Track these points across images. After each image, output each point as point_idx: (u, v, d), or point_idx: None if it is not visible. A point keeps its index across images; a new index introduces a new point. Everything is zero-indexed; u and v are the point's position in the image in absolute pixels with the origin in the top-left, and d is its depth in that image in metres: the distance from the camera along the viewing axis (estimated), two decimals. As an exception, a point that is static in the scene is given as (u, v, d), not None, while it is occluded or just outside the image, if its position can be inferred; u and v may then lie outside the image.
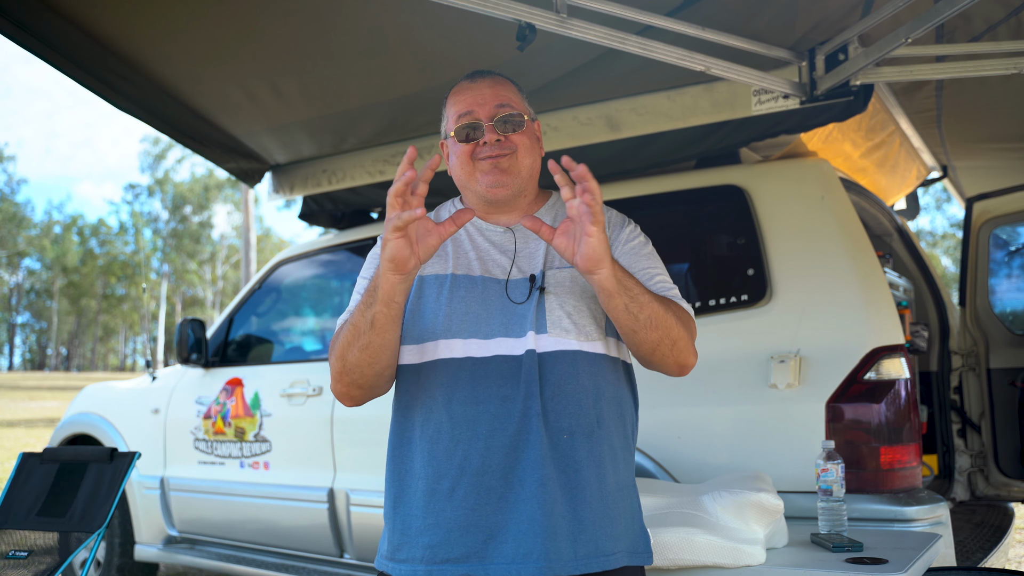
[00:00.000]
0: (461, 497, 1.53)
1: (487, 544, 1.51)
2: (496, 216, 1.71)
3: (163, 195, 53.68)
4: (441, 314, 1.60)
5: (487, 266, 1.65)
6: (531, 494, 1.50)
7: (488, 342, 1.58)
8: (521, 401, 1.53)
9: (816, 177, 2.87)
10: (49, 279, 64.30)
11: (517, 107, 1.67)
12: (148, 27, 2.87)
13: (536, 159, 1.70)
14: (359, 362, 1.55)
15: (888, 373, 2.52)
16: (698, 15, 2.61)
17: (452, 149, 1.70)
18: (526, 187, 1.69)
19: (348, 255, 4.03)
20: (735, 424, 2.66)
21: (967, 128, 3.85)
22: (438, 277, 1.64)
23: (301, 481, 3.63)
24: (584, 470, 1.55)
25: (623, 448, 1.64)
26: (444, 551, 1.53)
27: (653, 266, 1.70)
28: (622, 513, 1.60)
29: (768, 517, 2.06)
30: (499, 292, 1.62)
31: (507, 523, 1.51)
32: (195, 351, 4.10)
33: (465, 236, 1.70)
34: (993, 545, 3.01)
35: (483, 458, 1.53)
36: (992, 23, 2.75)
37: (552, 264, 1.64)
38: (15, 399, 24.97)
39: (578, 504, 1.54)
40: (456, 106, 1.68)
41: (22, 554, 2.50)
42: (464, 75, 1.73)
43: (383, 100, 3.38)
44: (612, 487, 1.59)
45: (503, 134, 1.64)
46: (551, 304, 1.59)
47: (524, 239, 1.68)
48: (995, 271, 3.93)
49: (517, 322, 1.58)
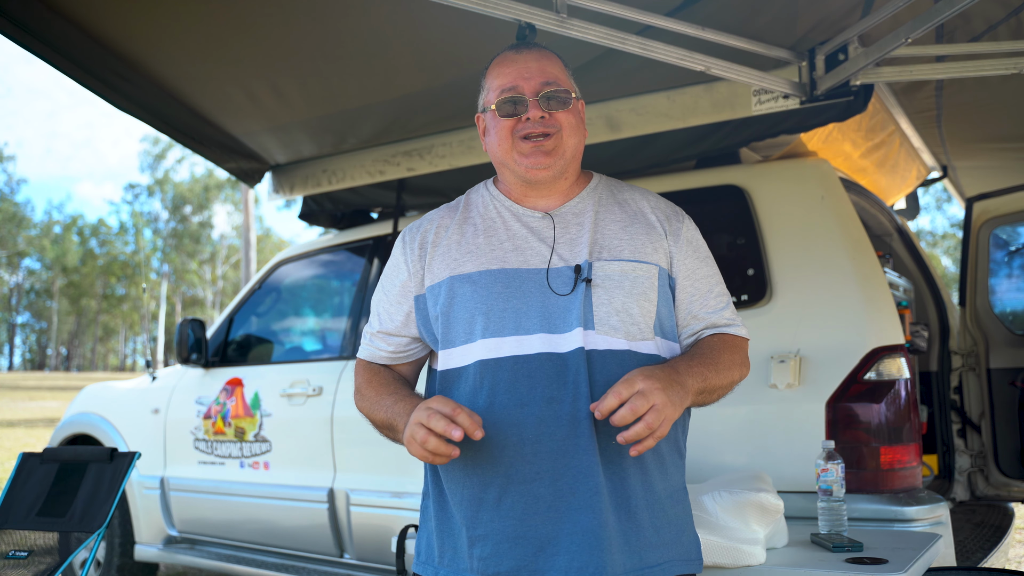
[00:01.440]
0: (509, 507, 1.46)
1: (537, 556, 1.44)
2: (534, 199, 1.61)
3: (163, 195, 53.67)
4: (479, 314, 1.51)
5: (524, 256, 1.55)
6: (583, 503, 1.43)
7: (529, 338, 1.48)
8: (569, 403, 1.45)
9: (816, 177, 2.87)
10: (49, 279, 64.30)
11: (564, 83, 1.58)
12: (148, 27, 2.87)
13: (580, 140, 1.60)
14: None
15: (888, 373, 2.52)
16: (698, 15, 2.61)
17: (491, 124, 1.60)
18: (568, 169, 1.60)
19: (348, 255, 4.03)
20: (735, 424, 2.66)
21: (967, 128, 3.85)
22: (471, 276, 1.54)
23: (301, 481, 3.63)
24: (631, 477, 1.48)
25: (671, 452, 1.57)
26: (494, 563, 1.46)
27: (711, 279, 1.65)
28: (672, 520, 1.54)
29: (768, 517, 2.06)
30: (539, 283, 1.51)
31: (559, 534, 1.43)
32: (195, 351, 4.10)
33: (500, 223, 1.60)
34: (993, 545, 3.00)
35: (531, 465, 1.45)
36: (992, 23, 2.75)
37: (599, 255, 1.54)
38: (15, 399, 24.97)
39: (630, 513, 1.47)
40: (499, 78, 1.58)
41: (22, 554, 2.49)
42: (508, 45, 1.65)
43: (383, 100, 3.37)
44: (662, 493, 1.53)
45: (548, 111, 1.55)
46: (599, 298, 1.50)
47: (564, 225, 1.58)
48: (995, 271, 3.93)
49: (560, 316, 1.49)
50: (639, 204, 1.64)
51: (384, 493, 3.35)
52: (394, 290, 1.65)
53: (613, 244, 1.56)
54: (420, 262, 1.61)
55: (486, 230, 1.59)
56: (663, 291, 1.58)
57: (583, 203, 1.61)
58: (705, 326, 1.63)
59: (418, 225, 1.67)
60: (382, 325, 1.66)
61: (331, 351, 3.89)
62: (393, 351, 1.67)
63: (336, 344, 3.86)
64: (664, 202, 1.67)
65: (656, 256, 1.57)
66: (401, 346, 1.67)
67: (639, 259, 1.55)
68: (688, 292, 1.62)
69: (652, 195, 1.68)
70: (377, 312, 1.68)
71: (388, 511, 3.32)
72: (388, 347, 1.67)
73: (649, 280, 1.55)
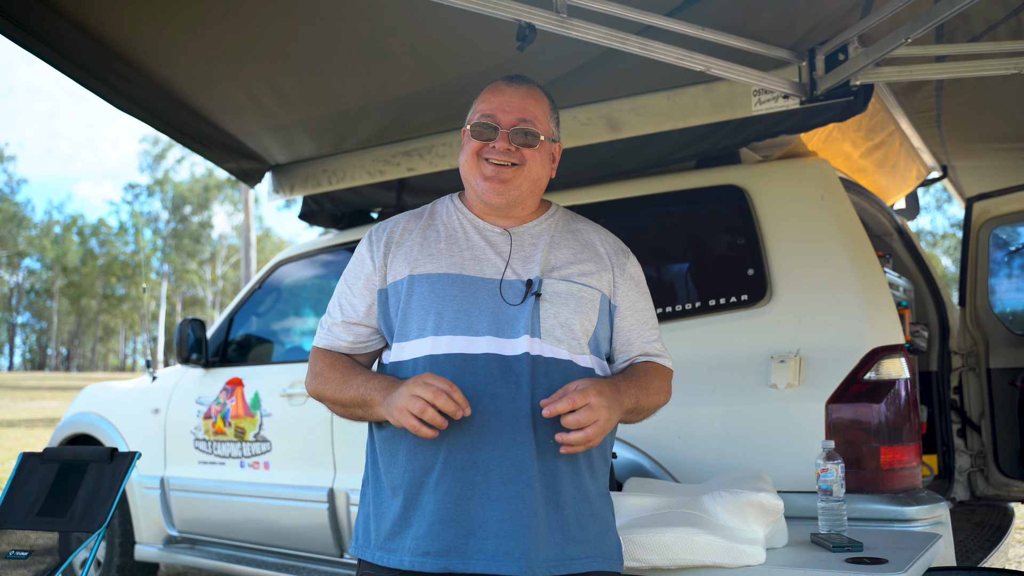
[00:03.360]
0: (444, 491, 1.56)
1: (468, 539, 1.55)
2: (493, 218, 1.74)
3: (163, 195, 53.66)
4: (432, 312, 1.63)
5: (481, 265, 1.68)
6: (516, 493, 1.55)
7: (477, 339, 1.61)
8: (511, 401, 1.58)
9: (816, 177, 2.87)
10: (49, 279, 64.27)
11: (540, 126, 1.70)
12: (149, 27, 2.88)
13: (542, 177, 1.73)
14: (336, 412, 1.72)
15: (888, 373, 2.52)
16: (698, 15, 2.61)
17: (465, 141, 1.73)
18: (525, 200, 1.73)
19: (348, 255, 4.02)
20: (735, 424, 2.66)
21: (967, 128, 3.85)
22: (430, 277, 1.67)
23: (301, 481, 3.63)
24: (563, 475, 1.61)
25: (599, 458, 1.71)
26: (426, 543, 1.56)
27: (647, 312, 1.81)
28: (598, 519, 1.66)
29: (768, 517, 2.06)
30: (492, 292, 1.65)
31: (488, 520, 1.54)
32: (195, 351, 4.10)
33: (461, 233, 1.73)
34: (993, 545, 3.01)
35: (468, 454, 1.56)
36: (992, 23, 2.75)
37: (550, 273, 1.68)
38: (15, 399, 24.96)
39: (558, 507, 1.59)
40: (483, 104, 1.72)
41: (22, 554, 2.49)
42: (503, 76, 1.76)
43: (383, 100, 3.38)
44: (592, 493, 1.66)
45: (515, 145, 1.67)
46: (546, 311, 1.64)
47: (520, 242, 1.72)
48: (995, 271, 3.93)
49: (508, 323, 1.62)
50: (590, 236, 1.80)
51: (384, 493, 3.34)
52: (358, 283, 1.75)
53: (563, 265, 1.71)
54: (384, 259, 1.73)
55: (448, 237, 1.72)
56: (603, 315, 1.73)
57: (540, 227, 1.75)
58: (639, 353, 1.80)
59: (384, 226, 1.79)
60: (344, 315, 1.75)
61: (331, 351, 3.89)
62: (352, 341, 1.76)
63: (336, 344, 3.85)
64: (613, 238, 1.83)
65: (600, 283, 1.73)
66: (361, 337, 1.76)
67: (585, 283, 1.70)
68: (628, 321, 1.78)
69: (603, 230, 1.85)
70: (339, 303, 1.77)
71: (388, 511, 3.32)
72: (348, 337, 1.76)
73: (592, 302, 1.70)
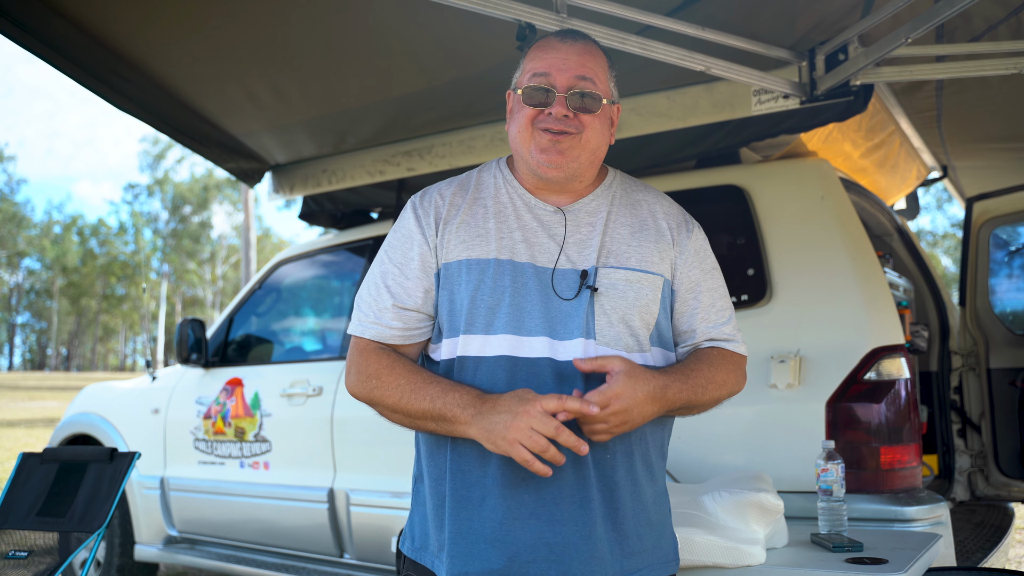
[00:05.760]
0: (491, 509, 1.43)
1: (512, 562, 1.41)
2: (546, 193, 1.55)
3: (163, 195, 53.67)
4: (482, 305, 1.46)
5: (532, 251, 1.50)
6: (568, 515, 1.41)
7: (529, 341, 1.45)
8: None
9: (816, 177, 2.87)
10: (49, 279, 64.28)
11: (599, 86, 1.51)
12: (149, 28, 2.88)
13: (602, 145, 1.54)
14: (391, 419, 1.52)
15: (888, 373, 2.52)
16: (698, 15, 2.61)
17: (516, 107, 1.53)
18: (584, 172, 1.53)
19: (348, 255, 4.03)
20: (735, 424, 2.66)
21: (967, 128, 3.85)
22: (480, 262, 1.49)
23: (301, 481, 3.63)
24: (621, 489, 1.47)
25: (659, 457, 1.56)
26: (461, 563, 1.43)
27: (715, 292, 1.61)
28: (655, 524, 1.53)
29: (768, 517, 2.06)
30: (543, 283, 1.47)
31: (537, 543, 1.41)
32: (195, 351, 4.10)
33: (511, 210, 1.54)
34: (993, 545, 3.01)
35: (519, 471, 1.41)
36: (992, 23, 2.75)
37: (606, 261, 1.50)
38: (15, 399, 24.96)
39: (616, 523, 1.46)
40: (534, 61, 1.51)
41: (22, 554, 2.49)
42: (555, 32, 1.58)
43: (383, 100, 3.38)
44: (649, 500, 1.52)
45: (573, 110, 1.48)
46: (601, 307, 1.47)
47: (576, 223, 1.53)
48: (995, 271, 3.93)
49: (562, 321, 1.46)
50: (652, 208, 1.60)
51: (384, 493, 3.35)
52: (411, 263, 1.53)
53: (621, 250, 1.52)
54: (436, 236, 1.53)
55: (497, 214, 1.53)
56: (664, 301, 1.56)
57: (597, 201, 1.56)
58: (704, 339, 1.60)
59: (428, 197, 1.58)
60: (395, 299, 1.52)
61: (331, 351, 3.89)
62: (403, 328, 1.53)
63: (336, 344, 3.86)
64: (677, 208, 1.64)
65: (662, 266, 1.55)
66: (413, 323, 1.54)
67: (645, 268, 1.52)
68: (690, 304, 1.59)
69: (667, 200, 1.64)
70: (386, 285, 1.53)
71: (388, 511, 3.32)
72: (399, 324, 1.53)
73: (653, 291, 1.52)
